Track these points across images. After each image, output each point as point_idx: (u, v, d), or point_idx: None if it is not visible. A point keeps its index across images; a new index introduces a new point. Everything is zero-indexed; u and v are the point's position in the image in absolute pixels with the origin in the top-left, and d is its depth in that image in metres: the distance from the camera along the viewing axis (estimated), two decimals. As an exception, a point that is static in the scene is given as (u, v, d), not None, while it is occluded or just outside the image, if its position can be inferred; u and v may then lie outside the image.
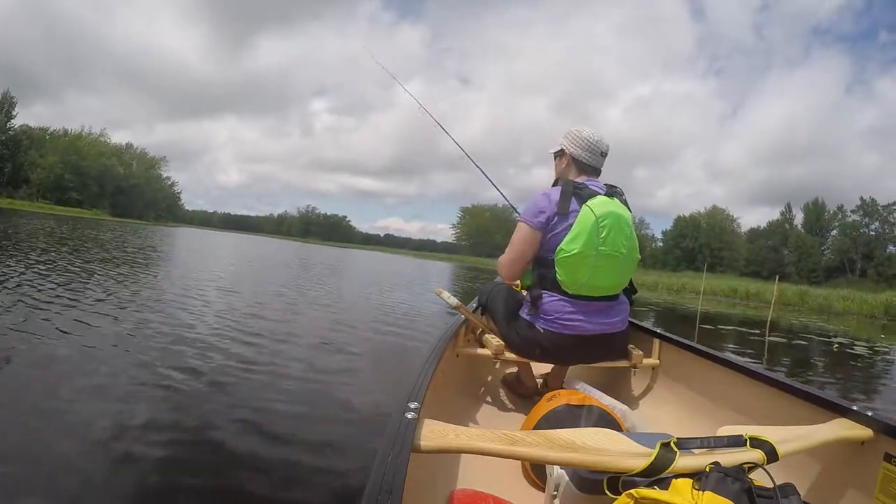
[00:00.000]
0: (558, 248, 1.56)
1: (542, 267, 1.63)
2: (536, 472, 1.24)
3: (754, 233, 50.61)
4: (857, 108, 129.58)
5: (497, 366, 1.90)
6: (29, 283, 4.45)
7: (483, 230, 76.52)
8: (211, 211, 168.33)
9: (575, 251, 1.53)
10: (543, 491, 1.14)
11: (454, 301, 1.82)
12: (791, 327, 10.28)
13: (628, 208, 1.67)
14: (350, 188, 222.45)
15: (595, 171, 1.72)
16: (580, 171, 1.71)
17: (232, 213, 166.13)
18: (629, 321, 1.77)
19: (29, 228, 13.28)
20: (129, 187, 67.09)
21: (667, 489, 0.73)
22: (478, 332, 1.88)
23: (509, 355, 1.71)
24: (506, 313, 1.75)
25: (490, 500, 0.95)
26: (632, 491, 0.74)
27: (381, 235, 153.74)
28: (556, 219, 1.57)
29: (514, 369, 1.97)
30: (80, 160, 59.12)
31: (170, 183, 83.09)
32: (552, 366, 1.86)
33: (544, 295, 1.61)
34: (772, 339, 7.40)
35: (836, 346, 7.34)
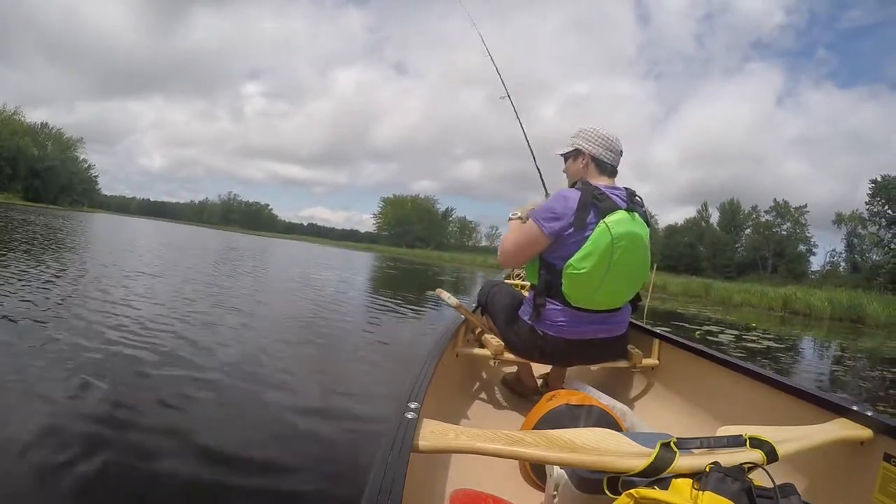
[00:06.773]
0: (568, 262, 1.51)
1: (549, 273, 1.59)
2: (536, 472, 1.24)
3: (671, 229, 51.64)
4: (786, 118, 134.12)
5: (496, 366, 1.90)
6: None
7: (404, 220, 75.72)
8: (131, 196, 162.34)
9: (584, 270, 1.49)
10: (543, 491, 1.14)
11: (454, 301, 1.82)
12: (675, 316, 10.36)
13: (647, 221, 1.61)
14: (277, 176, 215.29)
15: (614, 171, 1.67)
16: (601, 171, 1.65)
17: (152, 200, 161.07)
18: (629, 321, 1.78)
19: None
20: (44, 170, 60.36)
21: (667, 489, 0.73)
22: (477, 331, 1.88)
23: (509, 355, 1.71)
24: (506, 314, 1.75)
25: (490, 500, 0.95)
26: (632, 491, 0.74)
27: (305, 225, 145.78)
28: (570, 229, 1.52)
29: (514, 369, 1.97)
30: (-7, 140, 52.39)
31: (86, 166, 75.39)
32: (552, 366, 1.86)
33: (548, 302, 1.60)
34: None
35: (699, 332, 7.53)
